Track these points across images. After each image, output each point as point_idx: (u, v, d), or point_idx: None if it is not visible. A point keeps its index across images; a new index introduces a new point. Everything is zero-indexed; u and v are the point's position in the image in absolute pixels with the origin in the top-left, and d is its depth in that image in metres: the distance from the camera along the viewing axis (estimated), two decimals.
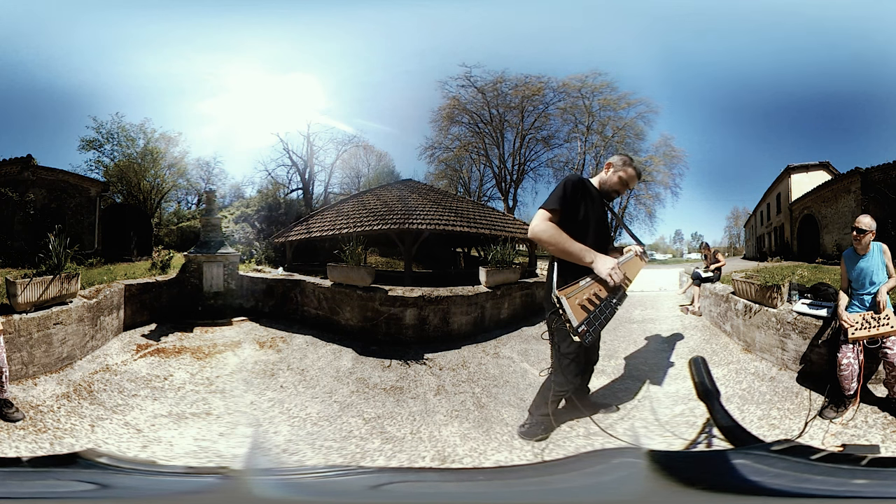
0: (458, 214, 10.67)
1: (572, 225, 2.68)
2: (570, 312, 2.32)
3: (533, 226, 2.66)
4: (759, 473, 0.87)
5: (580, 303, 2.38)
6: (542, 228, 2.62)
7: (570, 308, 2.33)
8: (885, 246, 3.48)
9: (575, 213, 2.73)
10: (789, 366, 4.10)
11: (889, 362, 3.13)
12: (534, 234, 2.64)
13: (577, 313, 2.33)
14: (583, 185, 2.84)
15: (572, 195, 2.73)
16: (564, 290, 2.39)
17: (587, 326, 2.32)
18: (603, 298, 2.49)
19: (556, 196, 2.71)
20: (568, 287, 2.43)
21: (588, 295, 2.44)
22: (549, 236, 2.59)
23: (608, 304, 2.50)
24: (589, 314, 2.37)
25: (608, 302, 2.51)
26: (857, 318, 3.32)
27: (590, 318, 2.35)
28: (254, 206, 17.28)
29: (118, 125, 14.11)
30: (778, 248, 16.46)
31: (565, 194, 2.71)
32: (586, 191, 2.83)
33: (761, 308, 4.68)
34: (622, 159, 3.05)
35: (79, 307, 4.63)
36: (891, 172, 10.51)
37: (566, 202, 2.70)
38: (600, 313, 2.42)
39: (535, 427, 3.03)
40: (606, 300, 2.50)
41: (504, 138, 19.20)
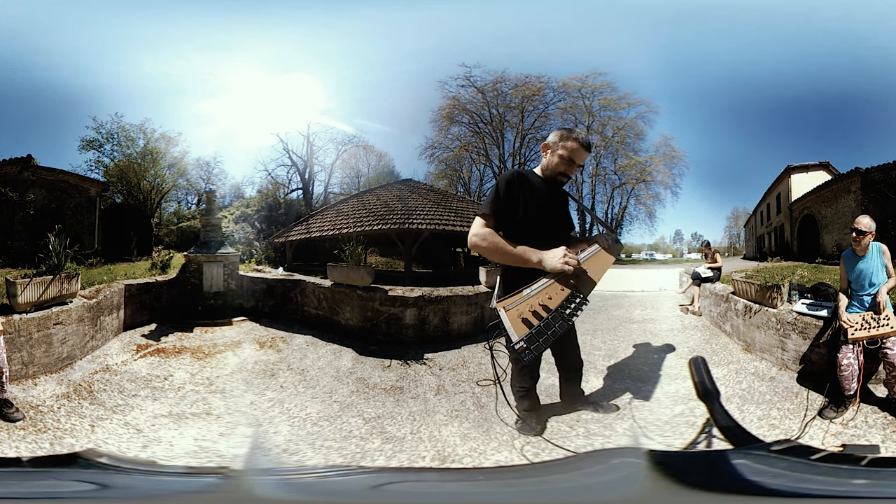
0: (458, 214, 10.67)
1: (514, 225, 2.52)
2: (509, 325, 2.13)
3: (469, 236, 2.48)
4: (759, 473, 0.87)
5: (521, 315, 2.16)
6: (479, 236, 2.44)
7: (510, 321, 2.14)
8: (885, 246, 3.48)
9: (514, 211, 2.53)
10: (789, 366, 4.10)
11: (889, 362, 3.13)
12: (471, 244, 2.48)
13: (517, 327, 2.12)
14: (519, 179, 2.62)
15: (506, 193, 2.54)
16: (504, 301, 2.20)
17: (527, 343, 2.08)
18: (552, 309, 2.19)
19: (488, 199, 2.54)
20: (509, 297, 2.23)
21: (531, 306, 2.18)
22: (487, 244, 2.43)
23: (559, 315, 2.19)
24: (531, 328, 2.12)
25: (559, 312, 2.20)
26: (856, 319, 3.32)
27: (532, 333, 2.11)
28: (254, 206, 17.27)
29: (118, 125, 14.09)
30: (778, 248, 16.46)
31: (498, 195, 2.53)
32: (523, 184, 2.61)
33: (761, 308, 4.68)
34: (558, 134, 2.70)
35: (79, 307, 4.63)
36: (891, 172, 10.50)
37: (500, 203, 2.52)
38: (546, 327, 2.14)
39: (526, 423, 3.07)
40: (557, 311, 2.19)
41: (504, 138, 19.20)
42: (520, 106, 18.41)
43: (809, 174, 15.01)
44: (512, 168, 3.17)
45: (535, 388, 3.12)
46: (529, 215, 2.56)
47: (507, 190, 2.56)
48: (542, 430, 3.03)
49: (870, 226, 3.42)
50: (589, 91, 17.92)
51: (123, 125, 14.17)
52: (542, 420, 3.11)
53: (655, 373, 4.27)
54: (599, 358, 4.67)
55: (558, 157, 2.68)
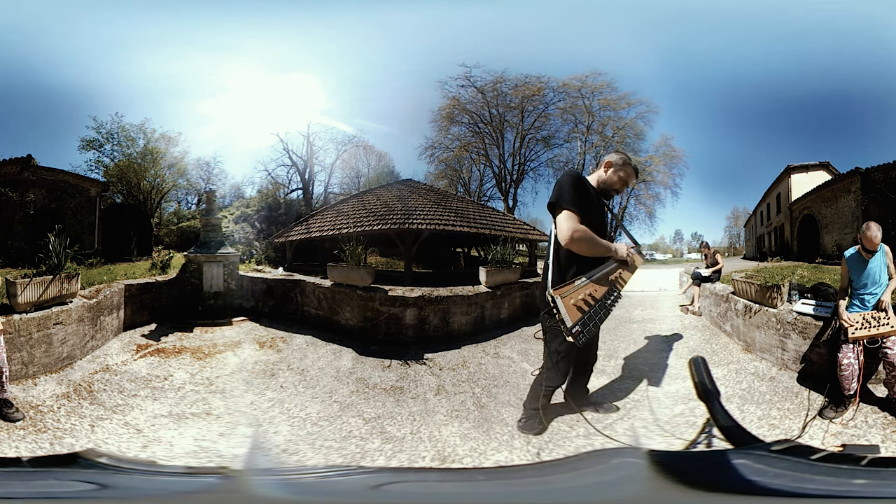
0: (458, 214, 10.67)
1: (582, 223, 2.66)
2: (565, 312, 2.36)
3: (569, 230, 2.56)
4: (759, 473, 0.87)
5: (575, 303, 2.40)
6: (581, 230, 2.58)
7: (565, 308, 2.37)
8: (888, 248, 3.49)
9: (586, 210, 2.71)
10: (789, 366, 4.10)
11: (889, 362, 3.13)
12: (573, 237, 2.55)
13: (571, 313, 2.36)
14: (586, 184, 2.85)
15: (582, 193, 2.73)
16: (560, 290, 2.43)
17: (581, 327, 2.34)
18: (598, 299, 2.49)
19: (572, 195, 2.66)
20: (563, 287, 2.45)
21: (583, 295, 2.45)
22: (589, 237, 2.60)
23: (602, 305, 2.50)
24: (583, 314, 2.38)
25: (603, 302, 2.51)
26: (857, 318, 3.32)
27: (584, 318, 2.37)
28: (254, 206, 17.27)
29: (118, 125, 14.09)
30: (778, 248, 16.45)
31: (578, 192, 2.69)
32: (587, 188, 2.84)
33: (761, 308, 4.68)
34: (622, 158, 3.03)
35: (79, 307, 4.63)
36: (891, 172, 10.50)
37: (581, 200, 2.68)
38: (595, 314, 2.43)
39: (531, 420, 3.11)
40: (601, 300, 2.50)
41: (504, 138, 19.19)
42: (520, 106, 18.40)
43: (809, 174, 15.00)
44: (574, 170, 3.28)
45: (580, 387, 3.31)
46: (589, 218, 2.74)
47: (581, 189, 2.74)
48: (543, 430, 3.06)
49: (879, 236, 3.43)
50: (589, 91, 17.91)
51: (123, 125, 14.18)
52: (546, 421, 3.13)
53: (655, 373, 4.27)
54: (599, 358, 4.64)
55: (618, 177, 3.00)
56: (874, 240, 3.42)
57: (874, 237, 3.41)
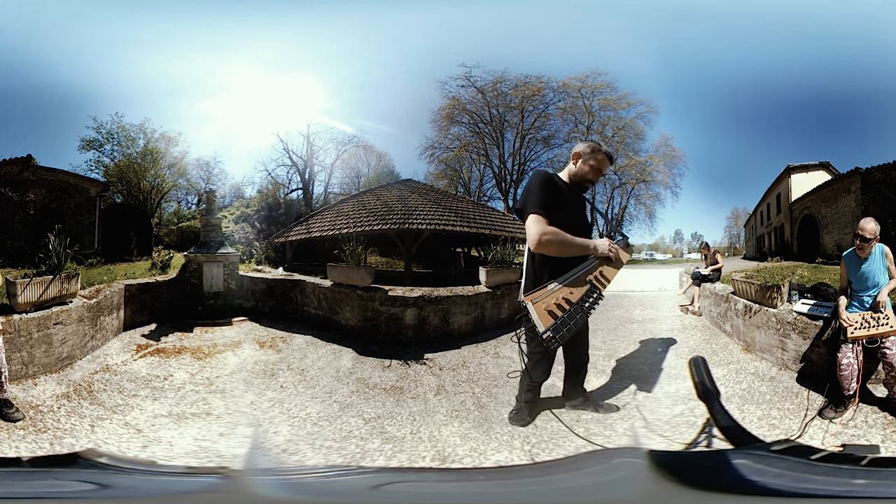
0: (458, 214, 10.67)
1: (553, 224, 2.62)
2: (536, 318, 2.35)
3: (536, 234, 2.54)
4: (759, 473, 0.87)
5: (547, 308, 2.38)
6: (549, 233, 2.54)
7: (536, 313, 2.36)
8: (887, 248, 3.49)
9: (552, 211, 2.65)
10: (789, 366, 4.10)
11: (888, 362, 3.13)
12: (540, 241, 2.53)
13: (543, 319, 2.35)
14: (552, 182, 2.78)
15: (547, 192, 2.67)
16: (531, 295, 2.42)
17: (553, 332, 2.32)
18: (574, 302, 2.45)
19: (536, 198, 2.63)
20: (535, 292, 2.44)
21: (556, 300, 2.42)
22: (558, 238, 2.55)
23: (580, 308, 2.46)
24: (556, 319, 2.36)
25: (580, 305, 2.47)
26: (856, 318, 3.32)
27: (556, 323, 2.35)
28: (254, 206, 17.26)
29: (118, 125, 14.08)
30: (778, 248, 16.45)
31: (542, 192, 2.64)
32: (556, 186, 2.78)
33: (761, 308, 4.68)
34: (589, 146, 2.93)
35: (79, 307, 4.63)
36: (891, 172, 10.50)
37: (546, 200, 2.63)
38: (569, 318, 2.39)
39: (520, 413, 3.21)
40: (578, 303, 2.46)
41: (504, 138, 19.17)
42: (520, 106, 18.39)
43: (809, 174, 15.00)
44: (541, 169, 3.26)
45: (575, 387, 3.31)
46: (563, 216, 2.70)
47: (548, 189, 2.69)
48: (531, 422, 3.16)
49: (875, 231, 3.42)
50: (589, 91, 17.90)
51: (123, 125, 14.17)
52: (535, 413, 3.23)
53: (655, 373, 4.27)
54: (599, 358, 4.66)
55: (589, 166, 2.89)
56: (864, 226, 3.41)
57: (864, 226, 3.41)
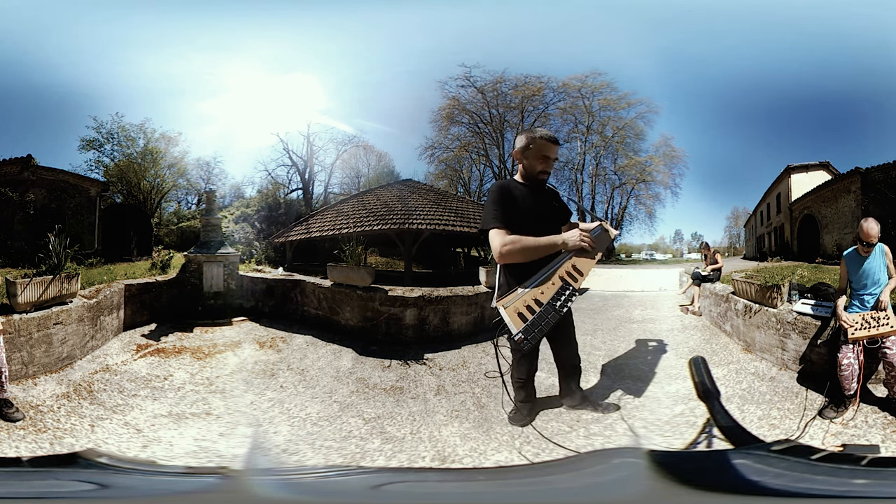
0: (458, 214, 10.67)
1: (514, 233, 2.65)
2: (509, 321, 2.45)
3: (498, 246, 2.60)
4: (759, 473, 0.87)
5: (517, 310, 2.48)
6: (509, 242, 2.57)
7: (508, 316, 2.46)
8: (887, 248, 3.49)
9: (516, 216, 2.70)
10: (789, 366, 4.10)
11: (889, 362, 3.13)
12: (503, 252, 2.59)
13: (514, 321, 2.45)
14: (507, 189, 2.81)
15: (503, 204, 2.71)
16: (503, 300, 2.52)
17: (524, 333, 2.41)
18: (544, 302, 2.51)
19: (492, 213, 2.68)
20: (506, 296, 2.53)
21: (527, 302, 2.50)
22: (520, 246, 2.58)
23: (551, 307, 2.51)
24: (526, 321, 2.44)
25: (552, 304, 2.52)
26: (856, 318, 3.32)
27: (527, 325, 2.43)
28: (254, 206, 17.26)
29: (118, 125, 14.08)
30: (778, 248, 16.44)
31: (498, 205, 2.69)
32: (510, 195, 2.79)
33: (761, 308, 4.68)
34: (525, 138, 2.89)
35: (79, 307, 4.63)
36: (891, 172, 10.50)
37: (504, 212, 2.67)
38: (540, 318, 2.46)
39: (518, 413, 3.21)
40: (549, 303, 2.51)
41: (504, 138, 19.17)
42: (520, 106, 18.39)
43: (809, 174, 14.99)
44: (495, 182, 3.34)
45: (531, 380, 3.24)
46: (529, 218, 2.72)
47: (501, 200, 2.73)
48: (530, 421, 3.15)
49: (877, 232, 3.43)
50: (589, 91, 17.91)
51: (123, 125, 14.17)
52: (534, 413, 3.23)
53: (655, 373, 4.26)
54: (599, 358, 4.66)
55: (533, 157, 2.86)
56: (869, 231, 3.40)
57: (869, 229, 3.40)
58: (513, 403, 3.27)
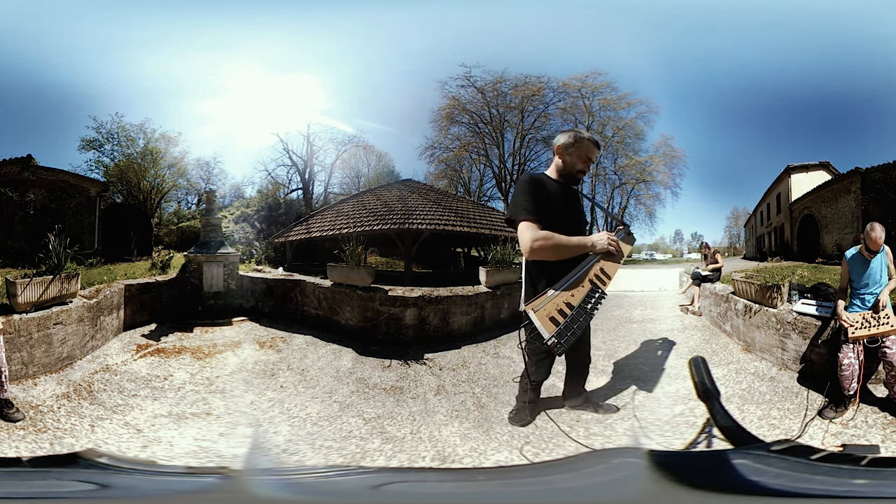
0: (458, 214, 10.67)
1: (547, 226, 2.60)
2: (540, 325, 2.38)
3: (529, 241, 2.51)
4: (759, 473, 0.87)
5: (549, 314, 2.40)
6: (542, 238, 2.51)
7: (539, 321, 2.38)
8: (888, 248, 3.49)
9: (546, 211, 2.64)
10: (789, 366, 4.10)
11: (888, 362, 3.13)
12: (535, 248, 2.51)
13: (546, 326, 2.37)
14: (540, 182, 2.76)
15: (537, 194, 2.65)
16: (532, 304, 2.44)
17: (557, 337, 2.35)
18: (575, 305, 2.45)
19: (524, 204, 2.60)
20: (536, 299, 2.45)
21: (558, 305, 2.43)
22: (552, 243, 2.52)
23: (583, 310, 2.45)
24: (558, 325, 2.37)
25: (583, 307, 2.46)
26: (856, 318, 3.32)
27: (560, 328, 2.37)
28: (254, 206, 17.26)
29: (118, 125, 14.08)
30: (778, 248, 16.44)
31: (530, 198, 2.62)
32: (543, 187, 2.74)
33: (761, 308, 4.68)
34: (571, 136, 2.85)
35: (79, 307, 4.63)
36: (891, 172, 10.50)
37: (536, 205, 2.60)
38: (573, 321, 2.40)
39: (520, 413, 3.21)
40: (580, 305, 2.45)
41: (504, 138, 19.15)
42: (520, 106, 18.38)
43: (809, 174, 14.99)
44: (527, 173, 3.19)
45: (574, 388, 3.32)
46: (557, 216, 2.67)
47: (535, 192, 2.67)
48: (531, 422, 3.16)
49: (883, 237, 3.43)
50: (589, 91, 17.89)
51: (123, 125, 14.17)
52: (535, 413, 3.24)
53: (655, 373, 4.26)
54: (599, 358, 4.66)
55: (576, 157, 2.83)
56: (878, 241, 3.40)
57: (878, 238, 3.40)
58: (518, 402, 3.28)
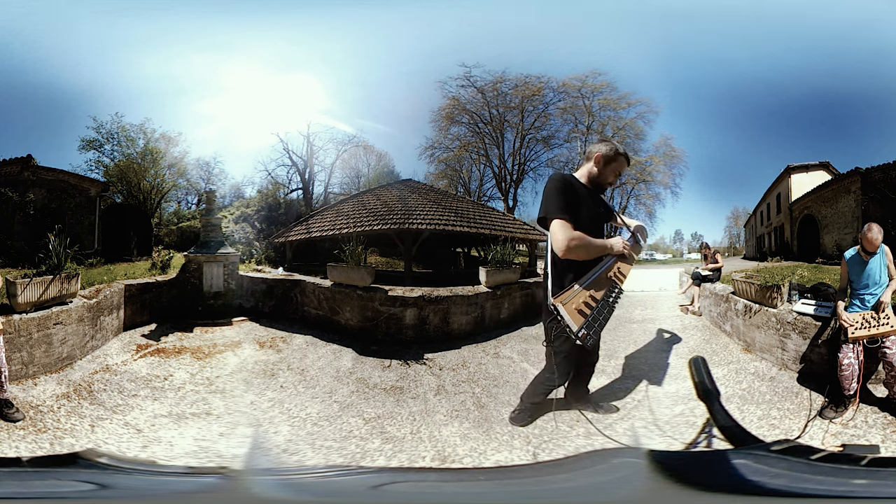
0: (458, 214, 10.67)
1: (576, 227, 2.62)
2: (569, 318, 2.44)
3: (565, 239, 2.53)
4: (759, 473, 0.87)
5: (577, 307, 2.48)
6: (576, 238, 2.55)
7: (568, 314, 2.45)
8: (887, 248, 3.49)
9: (577, 214, 2.67)
10: (789, 366, 4.10)
11: (888, 362, 3.13)
12: (568, 247, 2.52)
13: (574, 318, 2.45)
14: (571, 184, 2.79)
15: (570, 195, 2.69)
16: (560, 297, 2.51)
17: (587, 329, 2.43)
18: (599, 299, 2.55)
19: (558, 203, 2.63)
20: (563, 294, 2.52)
21: (584, 298, 2.53)
22: (585, 243, 2.59)
23: (605, 304, 2.57)
24: (586, 317, 2.46)
25: (605, 301, 2.57)
26: (856, 318, 3.32)
27: (588, 320, 2.45)
28: (254, 206, 17.28)
29: (118, 125, 14.11)
30: (778, 248, 16.45)
31: (564, 197, 2.65)
32: (574, 189, 2.78)
33: (761, 308, 4.68)
34: (612, 148, 2.91)
35: (79, 307, 4.63)
36: (891, 172, 10.51)
37: (569, 205, 2.64)
38: (598, 314, 2.50)
39: (522, 413, 3.23)
40: (603, 300, 2.57)
41: (504, 138, 19.18)
42: (520, 106, 18.40)
43: (809, 174, 15.00)
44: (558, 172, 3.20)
45: (580, 387, 3.34)
46: (584, 218, 2.71)
47: (568, 193, 2.70)
48: (531, 422, 3.18)
49: (881, 242, 3.43)
50: (589, 91, 17.91)
51: (123, 125, 14.19)
52: (537, 415, 3.24)
53: (655, 373, 4.27)
54: (600, 357, 4.66)
55: (610, 169, 2.92)
56: (875, 242, 3.42)
57: (875, 239, 3.41)
58: (524, 403, 3.27)
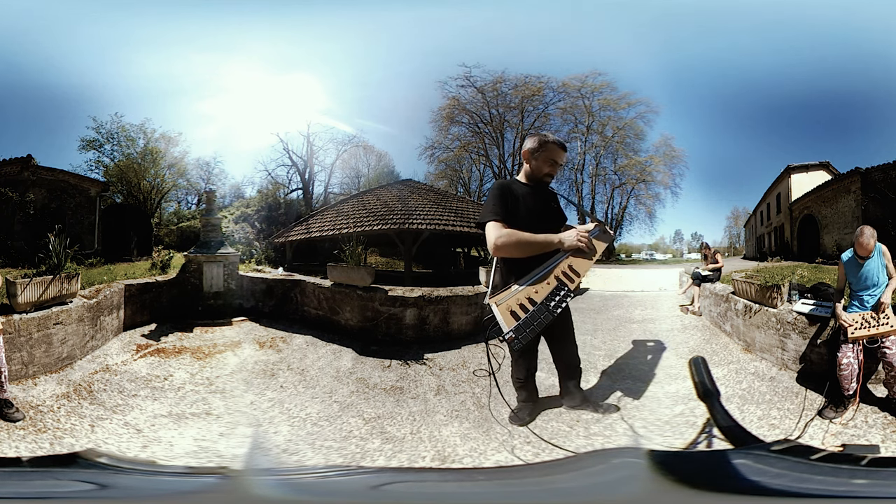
0: (458, 214, 10.67)
1: (517, 226, 2.67)
2: (501, 319, 2.40)
3: (493, 238, 2.59)
4: (759, 473, 0.87)
5: (510, 308, 2.42)
6: (504, 235, 2.58)
7: (500, 315, 2.41)
8: (885, 247, 3.49)
9: (514, 214, 2.72)
10: (789, 366, 4.10)
11: (888, 362, 3.13)
12: (497, 245, 2.58)
13: (506, 319, 2.39)
14: (508, 188, 2.84)
15: (504, 200, 2.74)
16: (496, 297, 2.48)
17: (515, 332, 2.35)
18: (538, 302, 2.46)
19: (493, 206, 2.70)
20: (499, 293, 2.49)
21: (520, 300, 2.44)
22: (515, 239, 2.58)
23: (545, 307, 2.45)
24: (518, 320, 2.38)
25: (545, 304, 2.46)
26: (856, 318, 3.32)
27: (519, 324, 2.37)
28: (254, 206, 17.28)
29: (118, 125, 14.10)
30: (778, 248, 16.44)
31: (499, 200, 2.71)
32: (511, 194, 2.82)
33: (761, 308, 4.68)
34: (537, 140, 2.93)
35: (79, 307, 4.63)
36: (891, 172, 10.50)
37: (504, 207, 2.69)
38: (532, 318, 2.40)
39: (521, 412, 3.21)
40: (543, 302, 2.46)
41: (504, 138, 19.18)
42: (520, 106, 18.40)
43: (809, 174, 14.99)
44: (496, 180, 3.33)
45: (531, 379, 3.26)
46: (527, 217, 2.73)
47: (502, 196, 2.75)
48: (530, 421, 3.15)
49: (874, 244, 3.44)
50: (589, 91, 17.92)
51: (123, 125, 14.19)
52: (534, 413, 3.23)
53: (655, 373, 4.26)
54: (599, 358, 4.67)
55: (542, 160, 2.91)
56: (867, 245, 3.43)
57: (867, 243, 3.42)
58: (518, 403, 3.28)
